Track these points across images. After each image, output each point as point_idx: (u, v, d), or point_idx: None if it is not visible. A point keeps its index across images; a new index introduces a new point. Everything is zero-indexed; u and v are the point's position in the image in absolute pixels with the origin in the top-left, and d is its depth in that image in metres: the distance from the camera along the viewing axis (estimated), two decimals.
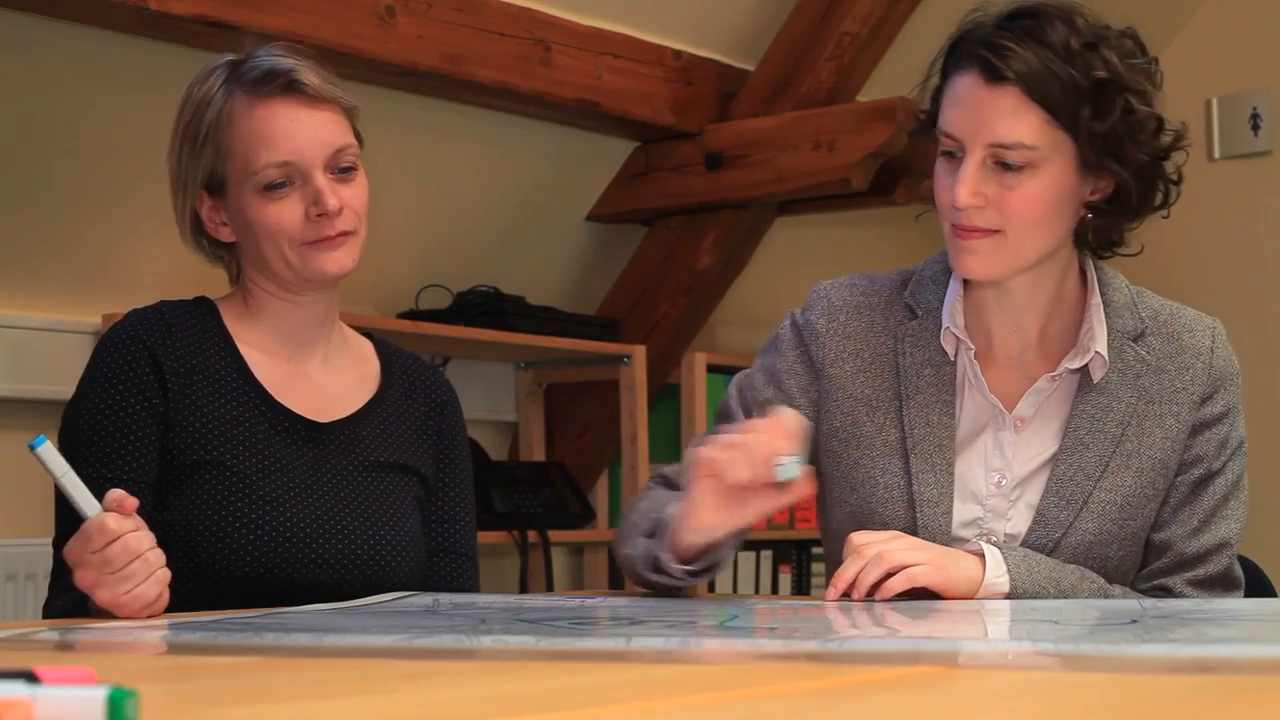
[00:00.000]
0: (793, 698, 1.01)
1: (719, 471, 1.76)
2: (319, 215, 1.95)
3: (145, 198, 3.20)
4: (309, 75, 1.98)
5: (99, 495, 1.71)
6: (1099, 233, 1.92)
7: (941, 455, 1.92)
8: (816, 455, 1.99)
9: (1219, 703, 0.96)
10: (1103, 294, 1.95)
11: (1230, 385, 1.96)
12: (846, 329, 1.99)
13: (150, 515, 1.86)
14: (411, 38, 3.23)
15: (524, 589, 3.67)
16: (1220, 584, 1.95)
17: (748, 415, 1.97)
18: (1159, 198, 1.91)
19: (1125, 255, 1.96)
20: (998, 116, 1.82)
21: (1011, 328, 1.95)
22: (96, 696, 0.81)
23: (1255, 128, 4.65)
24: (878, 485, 1.94)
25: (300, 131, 1.95)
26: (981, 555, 1.84)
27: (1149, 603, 1.72)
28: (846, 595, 1.81)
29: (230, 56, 2.01)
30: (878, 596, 1.78)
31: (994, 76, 1.82)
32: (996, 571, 1.83)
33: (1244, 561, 2.08)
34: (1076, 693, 1.02)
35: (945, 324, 1.94)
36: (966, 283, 1.95)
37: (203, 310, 2.04)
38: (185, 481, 1.93)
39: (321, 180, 1.95)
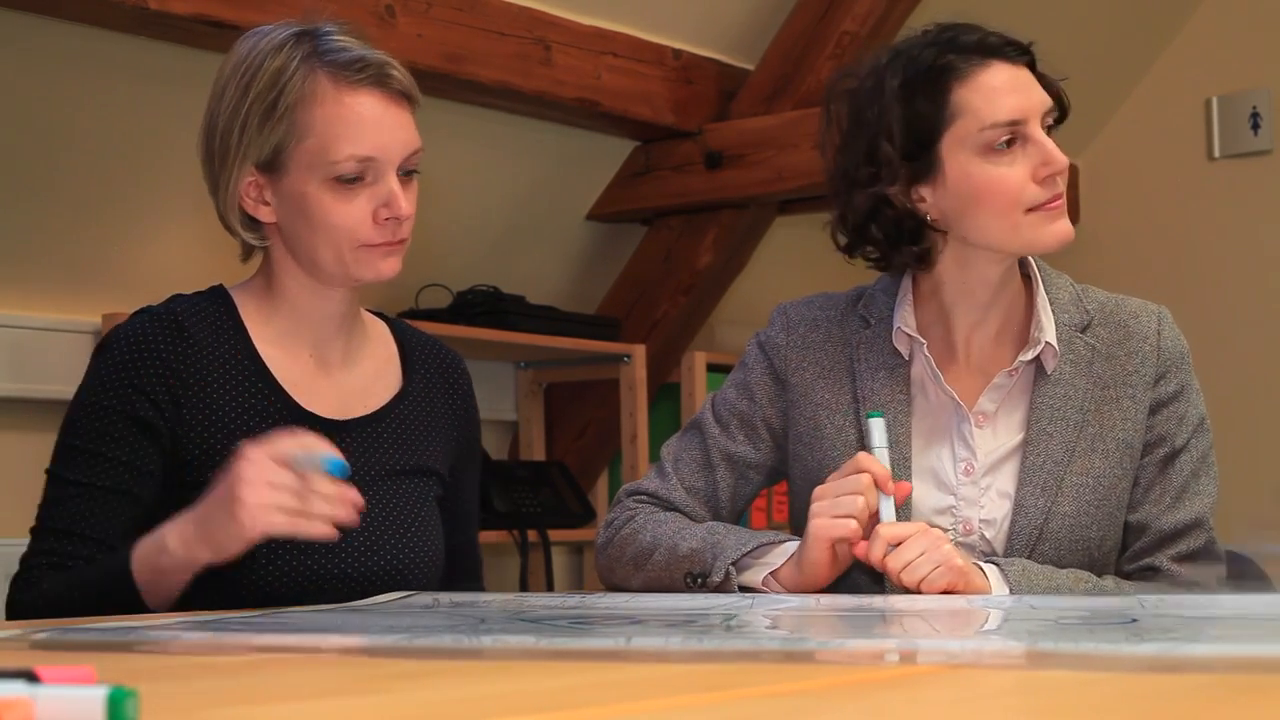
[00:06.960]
0: (793, 698, 1.01)
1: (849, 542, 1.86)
2: (388, 219, 1.90)
3: (145, 197, 3.20)
4: (399, 71, 1.92)
5: (80, 501, 1.79)
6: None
7: (898, 452, 1.98)
8: (788, 460, 2.09)
9: (1219, 702, 0.96)
10: (1047, 291, 2.03)
11: (1181, 364, 2.04)
12: (805, 340, 2.09)
13: (143, 524, 1.84)
14: (411, 37, 3.23)
15: (524, 588, 3.68)
16: (1202, 559, 2.02)
17: (723, 428, 2.10)
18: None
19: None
20: None
21: (947, 329, 2.03)
22: (96, 696, 0.81)
23: (1255, 127, 4.65)
24: None
25: (386, 129, 1.89)
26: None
27: (1148, 600, 1.72)
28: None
29: (294, 27, 1.92)
30: (924, 589, 1.81)
31: None
32: (1000, 592, 1.86)
33: (1239, 558, 2.12)
34: (1076, 692, 1.02)
35: (896, 325, 2.02)
36: (914, 290, 2.04)
37: (218, 304, 1.97)
38: (200, 487, 1.81)
39: (395, 182, 1.90)
